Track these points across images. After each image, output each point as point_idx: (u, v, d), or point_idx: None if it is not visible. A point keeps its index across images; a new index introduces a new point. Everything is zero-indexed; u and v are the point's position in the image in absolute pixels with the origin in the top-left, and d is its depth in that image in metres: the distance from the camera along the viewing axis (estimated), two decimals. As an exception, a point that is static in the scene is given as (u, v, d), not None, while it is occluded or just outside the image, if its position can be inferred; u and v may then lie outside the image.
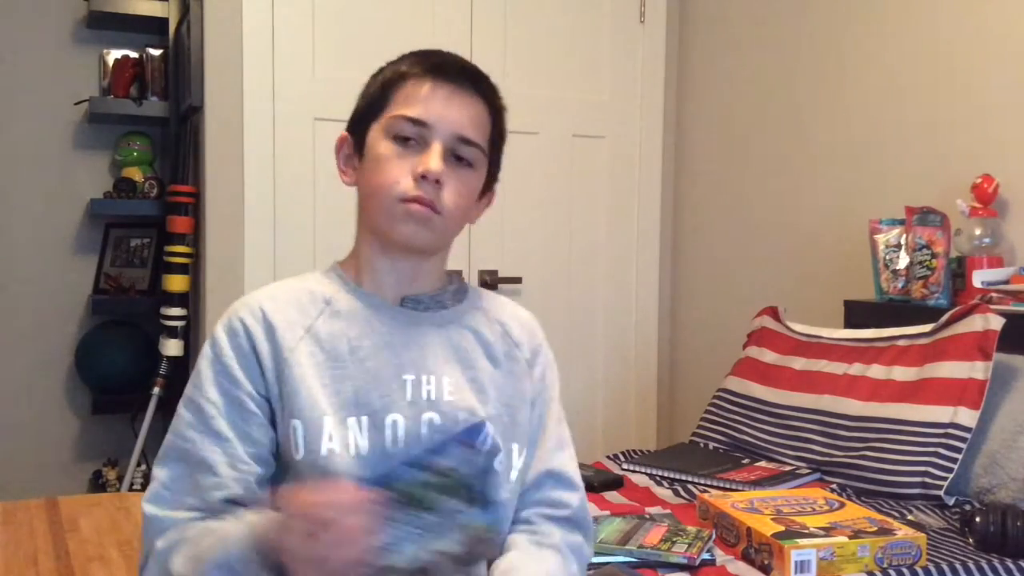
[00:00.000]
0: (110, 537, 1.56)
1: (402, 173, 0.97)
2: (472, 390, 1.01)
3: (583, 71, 2.89)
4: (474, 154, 1.00)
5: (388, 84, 1.01)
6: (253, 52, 2.46)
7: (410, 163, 0.97)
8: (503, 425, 1.02)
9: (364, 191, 1.02)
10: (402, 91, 0.99)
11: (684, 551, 1.38)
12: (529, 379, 1.07)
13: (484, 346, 1.05)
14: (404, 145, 0.98)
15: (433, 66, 1.00)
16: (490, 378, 1.03)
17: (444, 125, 0.98)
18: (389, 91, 1.00)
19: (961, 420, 1.71)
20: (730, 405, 2.14)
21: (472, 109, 1.00)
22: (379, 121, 1.00)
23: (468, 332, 1.04)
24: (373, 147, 1.00)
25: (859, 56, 2.41)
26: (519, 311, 1.12)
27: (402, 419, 0.96)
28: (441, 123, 0.98)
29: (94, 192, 2.83)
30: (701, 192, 2.97)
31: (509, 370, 1.06)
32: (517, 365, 1.07)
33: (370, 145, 1.01)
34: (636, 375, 3.02)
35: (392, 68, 1.03)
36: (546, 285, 2.83)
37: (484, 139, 1.02)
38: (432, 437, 0.95)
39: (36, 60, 2.82)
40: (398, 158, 0.97)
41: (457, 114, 0.99)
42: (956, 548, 1.45)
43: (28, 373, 2.86)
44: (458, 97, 0.99)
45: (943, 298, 1.99)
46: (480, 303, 1.09)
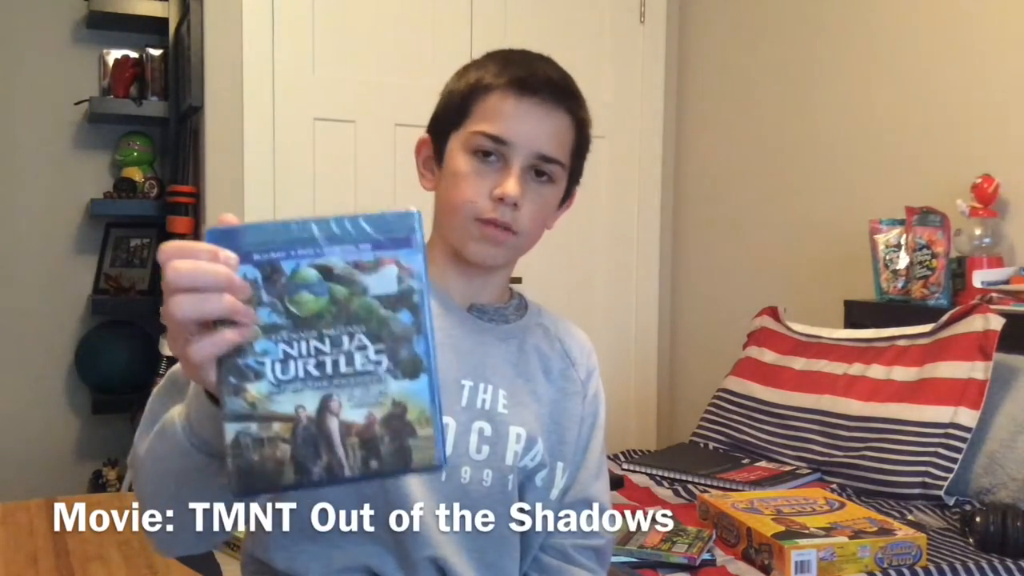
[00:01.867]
0: (110, 537, 1.56)
1: (480, 193, 0.95)
2: (526, 405, 1.00)
3: (583, 71, 2.86)
4: (554, 170, 0.98)
5: (470, 95, 0.98)
6: (253, 52, 2.46)
7: (489, 182, 0.95)
8: (551, 443, 1.01)
9: (441, 202, 1.00)
10: (484, 104, 0.97)
11: (684, 551, 1.38)
12: (581, 400, 1.07)
13: (542, 363, 1.04)
14: (484, 161, 0.95)
15: (518, 80, 0.96)
16: (545, 394, 1.03)
17: (525, 143, 0.95)
18: (471, 102, 0.98)
19: (961, 420, 1.71)
20: (730, 405, 2.14)
21: (555, 124, 0.97)
22: (459, 132, 0.98)
23: (529, 347, 1.03)
24: (452, 160, 0.98)
25: (859, 56, 2.41)
26: (577, 331, 1.11)
27: (453, 423, 0.94)
28: (522, 141, 0.95)
29: (94, 192, 2.83)
30: (701, 192, 2.97)
31: (562, 388, 1.05)
32: (571, 384, 1.06)
33: (449, 156, 0.99)
34: (636, 375, 3.02)
35: (475, 75, 0.99)
36: (546, 285, 2.82)
37: (566, 153, 0.99)
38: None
39: (36, 60, 2.82)
40: (476, 175, 0.95)
41: (539, 131, 0.96)
42: (956, 548, 1.45)
43: (28, 373, 2.85)
44: (541, 112, 0.96)
45: (943, 298, 1.99)
46: (541, 320, 1.08)
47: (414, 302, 0.60)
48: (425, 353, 0.60)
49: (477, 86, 0.98)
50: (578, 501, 1.04)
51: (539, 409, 1.01)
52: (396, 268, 0.59)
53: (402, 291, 0.60)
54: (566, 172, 1.00)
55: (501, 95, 0.96)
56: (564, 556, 1.03)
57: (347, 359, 0.59)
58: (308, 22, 2.51)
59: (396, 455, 0.59)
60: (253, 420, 0.58)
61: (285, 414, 0.59)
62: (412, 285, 0.60)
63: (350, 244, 0.59)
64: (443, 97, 1.03)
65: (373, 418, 0.59)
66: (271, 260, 0.59)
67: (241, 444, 0.58)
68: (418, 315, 0.60)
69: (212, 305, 0.58)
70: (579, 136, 1.01)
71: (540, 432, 1.00)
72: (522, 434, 0.98)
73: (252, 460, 0.58)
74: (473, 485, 0.94)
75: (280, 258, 0.59)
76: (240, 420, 0.58)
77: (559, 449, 1.02)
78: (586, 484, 1.05)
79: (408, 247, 0.59)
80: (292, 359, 0.59)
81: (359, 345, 0.59)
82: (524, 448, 0.98)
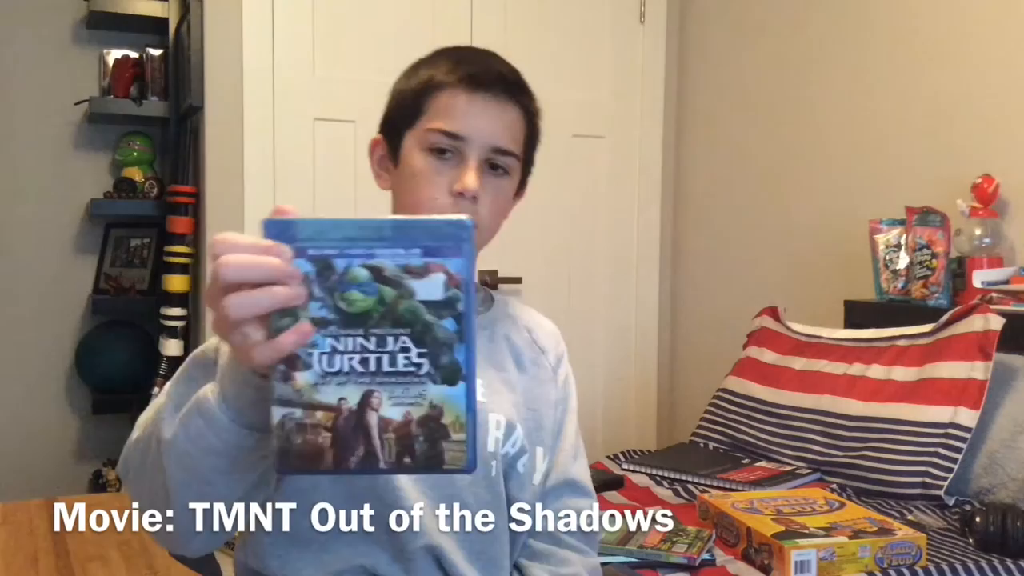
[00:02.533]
0: (110, 537, 1.56)
1: (439, 190, 0.96)
2: (501, 394, 1.01)
3: (583, 71, 2.88)
4: (509, 162, 1.00)
5: (423, 92, 0.99)
6: (253, 52, 2.46)
7: (447, 178, 0.96)
8: (529, 429, 1.02)
9: (400, 201, 1.01)
10: (437, 101, 0.98)
11: (684, 551, 1.38)
12: (554, 385, 1.09)
13: (513, 352, 1.06)
14: (440, 158, 0.97)
15: (469, 76, 0.98)
16: (518, 382, 1.04)
17: (480, 137, 0.97)
18: (423, 100, 0.99)
19: (961, 420, 1.71)
20: (730, 405, 2.14)
21: (507, 117, 0.99)
22: (414, 131, 0.99)
23: (499, 338, 1.05)
24: (408, 159, 0.99)
25: (859, 55, 2.41)
26: (544, 320, 1.14)
27: None
28: (477, 135, 0.97)
29: (94, 192, 2.83)
30: (701, 192, 2.97)
31: (535, 375, 1.07)
32: (543, 371, 1.08)
33: (405, 155, 1.00)
34: (636, 375, 3.02)
35: (427, 72, 1.01)
36: (546, 285, 2.82)
37: (519, 145, 1.01)
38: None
39: (36, 60, 2.82)
40: (435, 173, 0.96)
41: (493, 125, 0.98)
42: (956, 548, 1.45)
43: (28, 373, 2.86)
44: (494, 107, 0.98)
45: (943, 298, 1.99)
46: (508, 310, 1.10)
47: (459, 310, 0.61)
48: (465, 361, 0.62)
49: (429, 84, 0.99)
50: (560, 484, 1.06)
51: (514, 397, 1.03)
52: (444, 275, 0.61)
53: (448, 298, 0.61)
54: (520, 164, 1.02)
55: (454, 92, 0.97)
56: (554, 540, 1.04)
57: (390, 359, 0.61)
58: (308, 22, 2.51)
59: (429, 455, 0.62)
60: (298, 406, 0.61)
61: (328, 404, 0.61)
62: (458, 294, 0.61)
63: (401, 248, 0.61)
64: (394, 96, 1.04)
65: (410, 417, 0.62)
66: (324, 256, 0.60)
67: (285, 427, 0.61)
68: (462, 323, 0.61)
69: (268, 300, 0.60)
70: (530, 128, 1.03)
71: (518, 419, 1.01)
72: (501, 421, 0.99)
73: (295, 443, 0.61)
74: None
75: (333, 255, 0.60)
76: (286, 405, 0.61)
77: (537, 435, 1.03)
78: (565, 466, 1.07)
79: (457, 256, 0.61)
80: (339, 353, 0.61)
81: (403, 347, 0.61)
82: (504, 434, 0.99)
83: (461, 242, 0.61)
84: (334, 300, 0.61)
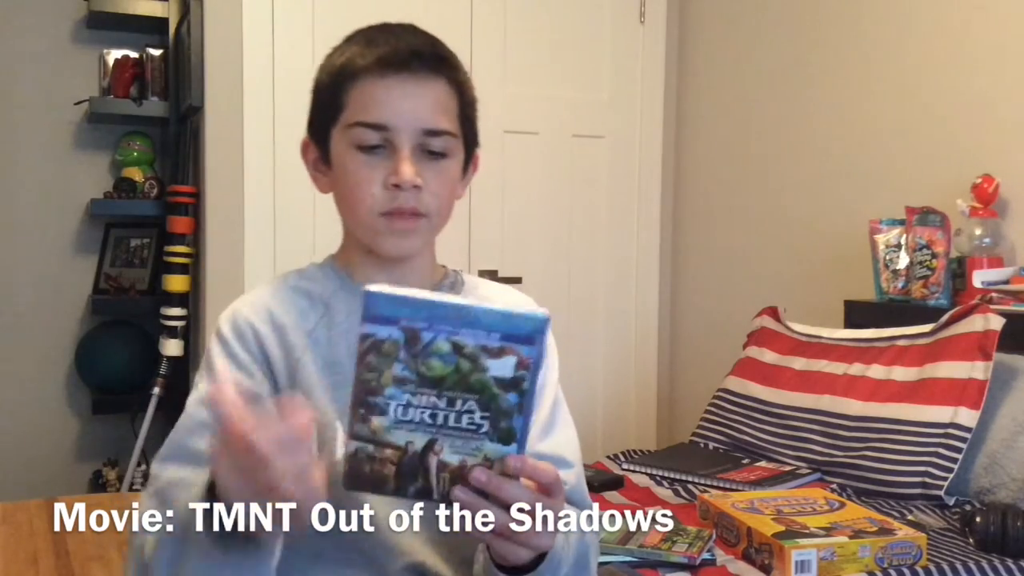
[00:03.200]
0: (110, 537, 1.55)
1: (375, 186, 0.91)
2: None
3: (583, 71, 2.88)
4: (446, 142, 0.93)
5: (339, 84, 0.94)
6: (253, 52, 2.46)
7: (381, 172, 0.91)
8: None
9: (341, 203, 0.96)
10: (355, 91, 0.93)
11: (685, 551, 1.38)
12: None
13: None
14: (371, 153, 0.92)
15: (382, 59, 0.92)
16: None
17: (407, 123, 0.91)
18: (341, 92, 0.93)
19: (961, 420, 1.71)
20: (730, 405, 2.14)
21: (432, 95, 0.93)
22: (338, 127, 0.94)
23: None
24: (339, 158, 0.94)
25: (859, 55, 2.41)
26: (518, 297, 1.08)
27: None
28: (403, 122, 0.91)
29: (94, 192, 2.83)
30: (701, 192, 2.97)
31: None
32: None
33: (335, 155, 0.95)
34: (636, 375, 3.02)
35: (339, 60, 0.95)
36: (546, 285, 2.82)
37: (452, 121, 0.94)
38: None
39: (36, 60, 2.82)
40: (368, 169, 0.91)
41: (418, 106, 0.91)
42: (956, 548, 1.45)
43: (28, 373, 2.86)
44: (415, 86, 0.92)
45: (943, 298, 1.99)
46: (478, 292, 1.05)
47: (523, 388, 0.70)
48: (521, 428, 0.71)
49: (344, 73, 0.94)
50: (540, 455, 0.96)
51: None
52: (516, 359, 0.70)
53: (515, 378, 0.70)
54: (459, 139, 0.96)
55: (370, 79, 0.92)
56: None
57: (456, 417, 0.71)
58: (308, 22, 2.51)
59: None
60: (372, 443, 0.71)
61: (397, 444, 0.71)
62: (525, 374, 0.70)
63: (482, 330, 0.69)
64: (313, 93, 0.99)
65: (465, 463, 0.72)
66: (414, 328, 0.69)
67: (358, 457, 0.71)
68: (523, 399, 0.71)
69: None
70: (462, 99, 0.97)
71: None
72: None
73: (364, 470, 0.71)
74: None
75: (423, 328, 0.69)
76: (361, 440, 0.71)
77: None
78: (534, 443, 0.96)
79: (530, 345, 0.69)
80: (412, 407, 0.70)
81: (468, 409, 0.71)
82: None
83: (537, 334, 0.69)
84: (416, 365, 0.69)
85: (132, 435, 2.73)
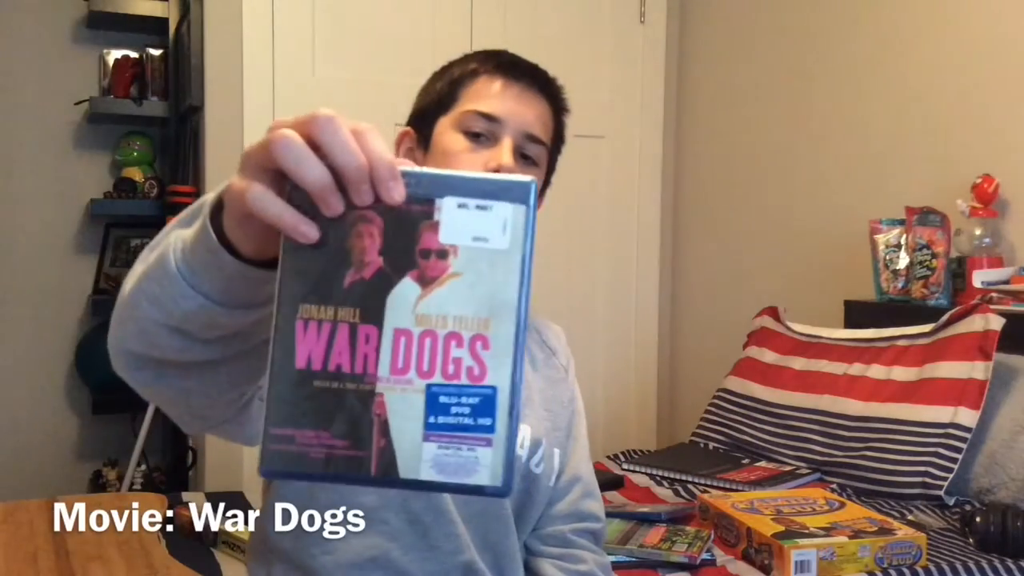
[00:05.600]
0: (110, 537, 1.55)
1: (474, 167, 0.94)
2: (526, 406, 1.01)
3: (583, 71, 2.88)
4: (540, 152, 1.00)
5: (458, 81, 1.00)
6: (253, 52, 2.46)
7: (482, 157, 0.95)
8: (546, 429, 1.02)
9: None
10: (473, 87, 0.99)
11: (684, 551, 1.38)
12: (566, 385, 1.08)
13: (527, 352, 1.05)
14: (475, 140, 0.96)
15: (504, 64, 0.99)
16: (533, 382, 1.04)
17: (515, 121, 0.97)
18: (459, 88, 0.99)
19: (961, 420, 1.71)
20: (730, 405, 2.14)
21: (540, 108, 1.00)
22: (448, 115, 0.99)
23: None
24: (441, 140, 0.98)
25: (859, 56, 2.41)
26: (550, 322, 1.14)
27: None
28: (512, 119, 0.97)
29: (94, 192, 2.83)
30: (701, 192, 2.97)
31: (548, 376, 1.06)
32: (555, 372, 1.08)
33: (437, 139, 0.99)
34: (636, 375, 3.02)
35: (461, 67, 1.01)
36: (546, 285, 2.82)
37: (549, 137, 1.01)
38: None
39: (36, 60, 2.82)
40: (469, 152, 0.96)
41: (527, 111, 0.98)
42: (956, 548, 1.45)
43: (28, 373, 2.86)
44: (528, 95, 0.99)
45: (943, 298, 1.99)
46: None
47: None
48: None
49: (464, 73, 1.00)
50: (571, 482, 1.05)
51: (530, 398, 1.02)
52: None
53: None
54: (547, 159, 1.02)
55: (489, 78, 0.99)
56: (564, 542, 1.04)
57: None
58: (308, 22, 2.51)
59: None
60: None
61: None
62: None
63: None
64: (425, 93, 1.03)
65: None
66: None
67: None
68: None
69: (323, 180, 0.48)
70: (558, 127, 1.04)
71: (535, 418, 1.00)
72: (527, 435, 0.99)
73: None
74: None
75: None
76: None
77: (553, 436, 1.03)
78: (578, 468, 1.06)
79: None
80: None
81: None
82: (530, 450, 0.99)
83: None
84: None
85: (132, 435, 2.73)
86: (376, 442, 0.48)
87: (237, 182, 0.51)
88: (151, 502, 1.74)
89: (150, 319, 0.58)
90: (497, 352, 0.49)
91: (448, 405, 0.49)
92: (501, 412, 0.49)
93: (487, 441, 0.48)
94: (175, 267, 0.56)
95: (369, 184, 0.48)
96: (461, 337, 0.49)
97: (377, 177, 0.48)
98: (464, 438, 0.48)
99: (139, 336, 0.61)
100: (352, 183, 0.48)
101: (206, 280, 0.55)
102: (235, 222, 0.52)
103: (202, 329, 0.58)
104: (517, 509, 0.99)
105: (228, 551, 1.54)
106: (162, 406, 0.70)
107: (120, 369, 0.66)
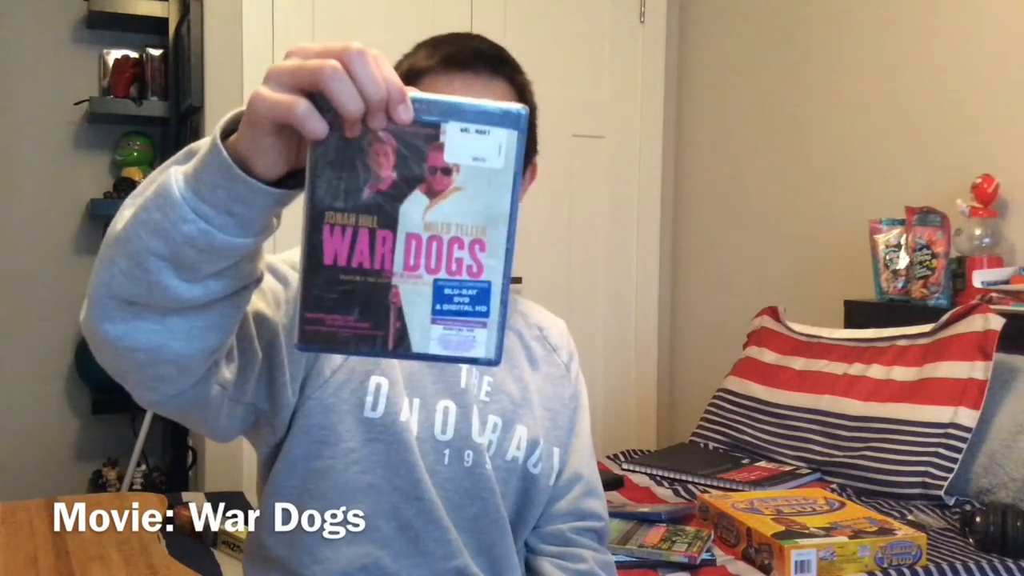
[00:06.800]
0: (110, 537, 1.55)
1: None
2: (514, 390, 1.01)
3: (583, 71, 2.88)
4: None
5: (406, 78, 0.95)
6: (253, 52, 2.46)
7: None
8: (545, 428, 1.01)
9: None
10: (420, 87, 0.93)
11: (684, 551, 1.38)
12: (567, 382, 1.07)
13: (525, 349, 1.05)
14: None
15: (445, 58, 0.94)
16: (531, 380, 1.03)
17: None
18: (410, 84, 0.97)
19: (961, 420, 1.71)
20: (730, 405, 2.14)
21: (493, 94, 0.94)
22: None
23: (511, 335, 1.03)
24: None
25: (859, 55, 2.41)
26: (554, 318, 1.12)
27: (454, 407, 0.95)
28: None
29: (94, 192, 2.83)
30: (701, 192, 2.97)
31: (548, 374, 1.06)
32: (556, 369, 1.07)
33: None
34: (636, 375, 3.02)
35: (407, 63, 0.98)
36: (546, 285, 2.82)
37: None
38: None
39: (36, 60, 2.82)
40: None
41: None
42: (956, 548, 1.45)
43: (28, 373, 2.86)
44: (478, 85, 0.94)
45: (943, 298, 1.99)
46: (518, 307, 1.08)
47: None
48: None
49: (409, 73, 0.96)
50: (573, 479, 1.05)
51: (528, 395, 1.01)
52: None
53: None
54: None
55: (433, 77, 0.95)
56: (564, 541, 1.04)
57: None
58: (308, 22, 2.51)
59: None
60: None
61: None
62: None
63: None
64: None
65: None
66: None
67: None
68: None
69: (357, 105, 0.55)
70: (521, 97, 0.98)
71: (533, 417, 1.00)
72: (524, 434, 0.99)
73: None
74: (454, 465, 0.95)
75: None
76: None
77: (554, 435, 1.03)
78: (580, 466, 1.06)
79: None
80: None
81: None
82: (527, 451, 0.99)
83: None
84: None
85: (132, 435, 2.73)
86: (392, 324, 0.59)
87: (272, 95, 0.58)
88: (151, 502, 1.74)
89: (147, 250, 0.62)
90: (492, 254, 0.59)
91: (451, 296, 0.59)
92: (494, 301, 0.60)
93: (483, 324, 0.60)
94: (178, 194, 0.61)
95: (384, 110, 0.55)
96: (462, 241, 0.59)
97: (391, 99, 0.55)
98: (464, 321, 0.60)
99: (129, 273, 0.64)
100: (372, 110, 0.55)
101: (211, 202, 0.61)
102: (263, 132, 0.58)
103: (197, 259, 0.62)
104: (515, 510, 0.99)
105: (228, 551, 1.54)
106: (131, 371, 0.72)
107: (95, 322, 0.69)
